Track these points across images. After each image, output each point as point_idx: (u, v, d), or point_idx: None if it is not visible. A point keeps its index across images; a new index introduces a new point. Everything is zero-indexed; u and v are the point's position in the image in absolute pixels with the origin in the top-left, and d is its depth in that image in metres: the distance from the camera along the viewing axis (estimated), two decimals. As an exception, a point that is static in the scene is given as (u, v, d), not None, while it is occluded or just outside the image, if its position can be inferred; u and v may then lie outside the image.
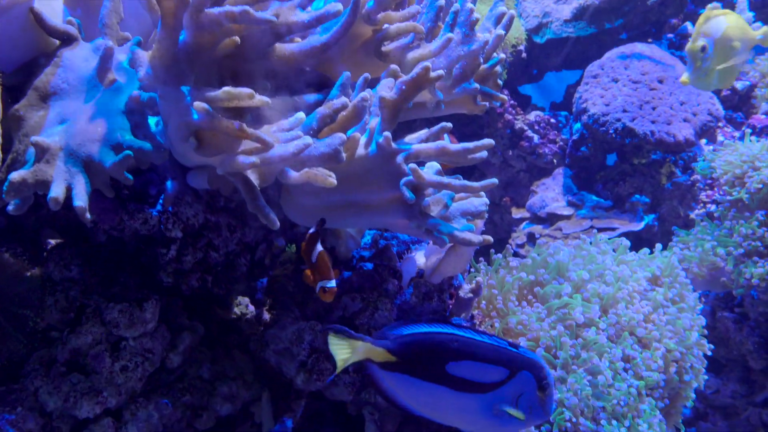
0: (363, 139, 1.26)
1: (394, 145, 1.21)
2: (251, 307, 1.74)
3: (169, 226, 1.35)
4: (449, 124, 1.32)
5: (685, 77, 1.74)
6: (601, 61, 2.41)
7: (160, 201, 1.37)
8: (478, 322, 1.43)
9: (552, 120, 2.66)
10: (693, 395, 1.44)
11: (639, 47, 2.42)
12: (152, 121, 1.33)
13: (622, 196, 2.30)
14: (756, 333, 1.87)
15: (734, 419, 1.94)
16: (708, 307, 2.04)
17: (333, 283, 1.21)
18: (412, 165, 1.17)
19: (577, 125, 2.45)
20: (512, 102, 2.66)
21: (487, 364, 0.98)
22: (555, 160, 2.60)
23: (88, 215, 1.15)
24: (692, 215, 2.03)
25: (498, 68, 1.68)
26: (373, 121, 1.26)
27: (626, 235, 2.17)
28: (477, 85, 1.54)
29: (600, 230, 2.16)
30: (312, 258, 1.25)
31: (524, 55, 2.75)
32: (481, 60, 1.55)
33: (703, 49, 1.66)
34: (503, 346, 1.00)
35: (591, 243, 1.55)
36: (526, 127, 2.59)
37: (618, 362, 1.29)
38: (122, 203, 1.36)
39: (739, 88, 2.52)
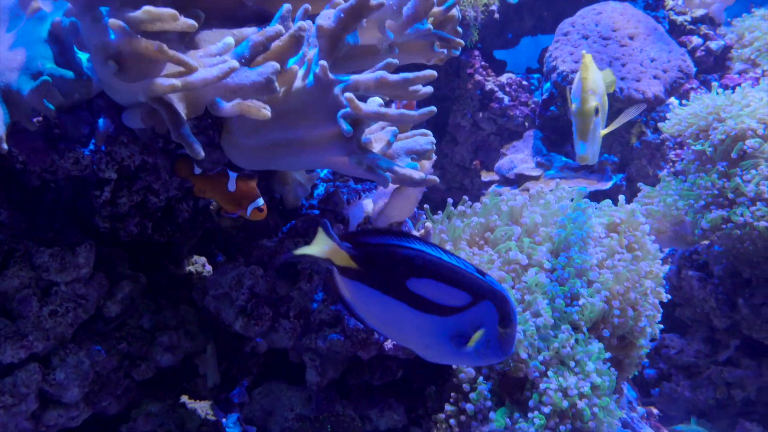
0: (301, 72, 1.21)
1: (331, 75, 1.15)
2: (208, 267, 1.69)
3: (102, 167, 1.29)
4: (395, 60, 1.26)
5: (583, 153, 1.27)
6: (573, 19, 2.35)
7: (93, 141, 1.31)
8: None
9: (524, 82, 2.60)
10: (647, 344, 1.40)
11: (612, 4, 2.36)
12: (84, 57, 1.26)
13: (591, 156, 2.25)
14: (719, 290, 1.83)
15: (697, 378, 1.91)
16: (674, 267, 2.01)
17: (261, 200, 1.17)
18: (349, 94, 1.11)
19: (547, 84, 2.39)
20: (483, 63, 2.60)
21: (450, 287, 0.91)
22: (526, 123, 2.55)
23: (4, 145, 1.09)
24: (661, 174, 1.99)
25: (455, 12, 1.62)
26: (312, 53, 1.20)
27: (594, 194, 2.13)
28: (430, 26, 1.48)
29: (567, 189, 2.10)
30: (229, 188, 1.19)
31: (497, 15, 2.68)
32: (434, 0, 1.48)
33: (597, 111, 1.27)
34: (469, 271, 0.92)
35: (551, 191, 1.50)
36: (496, 89, 2.53)
37: (562, 301, 1.25)
38: (52, 143, 1.30)
39: (714, 48, 2.47)
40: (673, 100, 2.23)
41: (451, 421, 1.22)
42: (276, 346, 1.31)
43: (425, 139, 1.28)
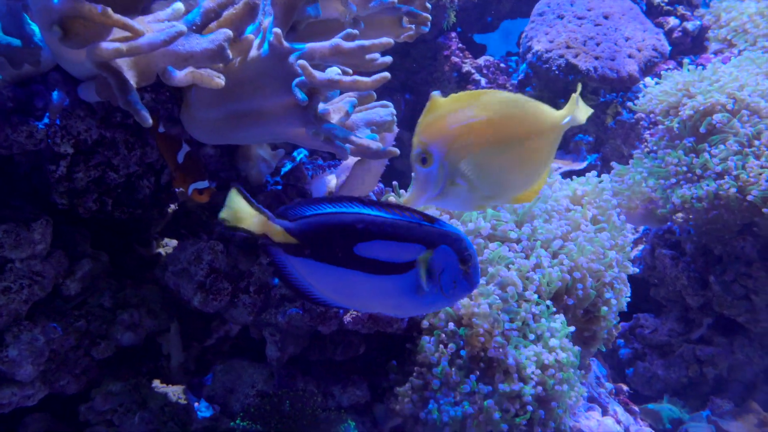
0: (257, 41, 1.18)
1: (286, 44, 1.13)
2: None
3: (57, 141, 1.27)
4: (356, 31, 1.23)
5: (407, 196, 1.01)
6: (548, -1, 2.34)
7: (48, 114, 1.28)
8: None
9: (502, 65, 2.59)
10: (613, 318, 1.39)
11: (588, -15, 2.34)
12: (37, 27, 1.24)
13: (567, 136, 2.24)
14: (691, 268, 1.83)
15: (670, 357, 1.91)
16: (648, 246, 2.00)
17: (206, 183, 1.14)
18: (302, 62, 1.09)
19: (523, 65, 2.38)
20: (460, 45, 2.58)
21: (401, 243, 0.87)
22: (504, 106, 2.53)
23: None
24: (634, 153, 1.98)
25: (423, -14, 1.60)
26: (267, 21, 1.18)
27: (568, 174, 2.12)
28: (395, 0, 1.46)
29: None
30: (179, 158, 1.17)
31: (474, -3, 2.66)
32: (401, -28, 1.46)
33: (425, 159, 1.05)
34: (416, 221, 0.89)
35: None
36: (473, 71, 2.51)
37: (527, 271, 1.23)
38: (6, 116, 1.27)
39: (690, 28, 2.46)
40: (648, 80, 2.22)
41: (414, 396, 1.21)
42: (236, 322, 1.29)
43: (385, 110, 1.26)
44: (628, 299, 1.48)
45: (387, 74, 1.12)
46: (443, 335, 1.23)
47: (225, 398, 1.32)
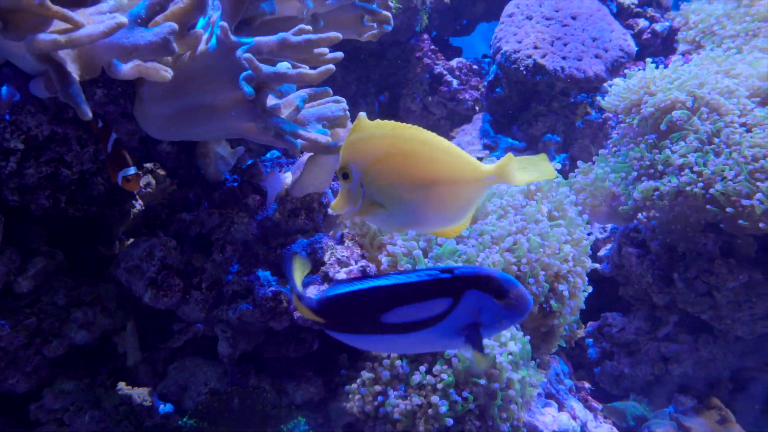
0: (206, 36, 1.18)
1: (233, 37, 1.13)
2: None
3: (6, 136, 1.26)
4: (309, 27, 1.23)
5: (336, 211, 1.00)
6: (518, 0, 2.35)
7: (-2, 110, 1.27)
8: (347, 240, 1.36)
9: (474, 66, 2.60)
10: (569, 313, 1.38)
11: (557, -14, 2.36)
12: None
13: (536, 137, 2.25)
14: (656, 265, 1.83)
15: (636, 356, 1.91)
16: (615, 245, 2.01)
17: (133, 170, 1.14)
18: (248, 55, 1.09)
19: (493, 66, 2.39)
20: (433, 47, 2.59)
21: (425, 302, 0.87)
22: (477, 107, 2.54)
23: None
24: (600, 152, 1.98)
25: (385, -16, 1.61)
26: (216, 15, 1.18)
27: (536, 173, 2.12)
28: (353, -3, 1.47)
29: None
30: (108, 147, 1.17)
31: (447, 0, 2.67)
32: (358, -31, 1.47)
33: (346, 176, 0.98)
34: (435, 277, 0.88)
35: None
36: (445, 72, 2.52)
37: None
38: (-46, 111, 1.26)
39: (659, 30, 2.49)
40: (617, 80, 2.23)
41: (362, 390, 1.20)
42: (188, 319, 1.28)
43: (337, 105, 1.26)
44: (586, 294, 1.48)
45: (332, 67, 1.11)
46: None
47: (179, 396, 1.31)
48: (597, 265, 1.53)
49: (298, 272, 0.95)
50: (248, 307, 1.22)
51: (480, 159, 2.31)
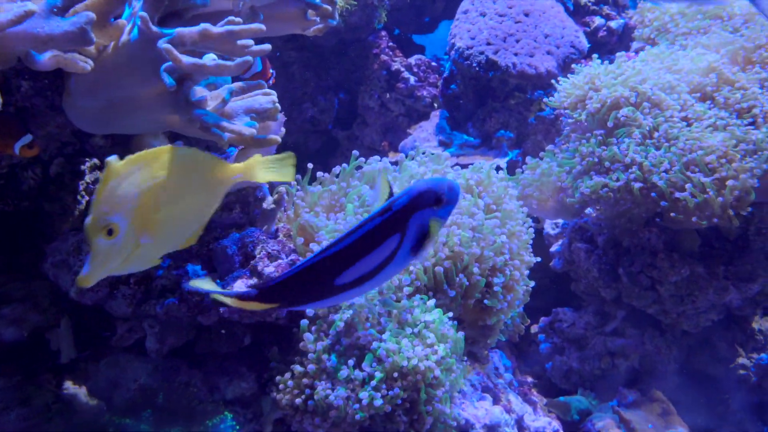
0: (128, 26, 1.17)
1: (154, 28, 1.11)
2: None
3: (-72, 130, 1.23)
4: (238, 19, 1.22)
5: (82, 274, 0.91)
6: (473, -3, 2.36)
7: None
8: (282, 235, 1.36)
9: (433, 63, 2.60)
10: (506, 308, 1.38)
11: (513, -16, 2.36)
12: None
13: (490, 133, 2.26)
14: (603, 260, 1.84)
15: (585, 351, 1.92)
16: (566, 240, 2.02)
17: (30, 137, 1.13)
18: (167, 46, 1.07)
19: (449, 63, 2.39)
20: (391, 44, 2.59)
21: (374, 251, 0.85)
22: (435, 104, 2.54)
23: None
24: (548, 147, 1.99)
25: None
26: (138, 6, 1.16)
27: (489, 169, 2.13)
28: (289, -12, 1.45)
29: (464, 167, 2.10)
30: None
31: (407, -4, 2.67)
32: (296, -39, 1.46)
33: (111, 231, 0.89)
34: (377, 223, 0.85)
35: (411, 159, 1.49)
36: (403, 69, 2.52)
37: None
38: None
39: (614, 27, 2.51)
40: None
41: (289, 383, 1.19)
42: (115, 314, 1.26)
43: (266, 98, 1.24)
44: (526, 288, 1.48)
45: (249, 59, 1.10)
46: (325, 324, 1.22)
47: (109, 392, 1.29)
48: (538, 259, 1.53)
49: (209, 284, 0.92)
50: (174, 301, 1.21)
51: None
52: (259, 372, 1.31)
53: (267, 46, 1.23)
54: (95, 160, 1.51)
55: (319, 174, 1.44)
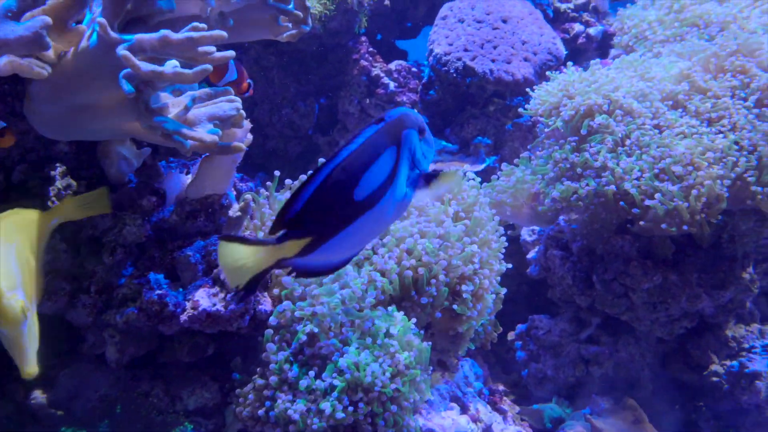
0: (88, 32, 1.15)
1: (113, 34, 1.10)
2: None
3: None
4: (203, 25, 1.20)
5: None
6: (452, 3, 2.36)
7: None
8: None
9: (414, 69, 2.59)
10: (476, 316, 1.37)
11: (491, -10, 2.37)
12: None
13: (468, 139, 2.26)
14: (577, 267, 1.84)
15: (560, 358, 1.91)
16: (542, 246, 2.01)
17: (3, 123, 1.11)
18: (125, 52, 1.06)
19: (427, 69, 2.39)
20: (371, 49, 2.58)
21: (378, 160, 0.88)
22: (415, 110, 2.54)
23: None
24: (522, 154, 1.99)
25: (302, -18, 1.59)
26: (98, 11, 1.15)
27: (466, 176, 2.12)
28: (259, -6, 1.44)
29: (441, 172, 2.10)
30: None
31: (387, 2, 2.67)
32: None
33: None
34: (374, 132, 0.90)
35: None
36: (382, 74, 2.51)
37: (369, 270, 1.22)
38: None
39: (593, 34, 2.51)
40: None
41: (250, 395, 1.18)
42: (76, 323, 1.25)
43: (230, 105, 1.23)
44: (494, 297, 1.48)
45: (208, 67, 1.09)
46: (288, 334, 1.20)
47: (69, 403, 1.27)
48: (509, 266, 1.53)
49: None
50: (133, 310, 1.19)
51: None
52: (223, 382, 1.29)
53: (230, 53, 1.21)
54: (65, 167, 1.49)
55: (288, 181, 1.43)
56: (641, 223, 1.58)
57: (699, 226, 1.58)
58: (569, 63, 1.93)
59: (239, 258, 0.86)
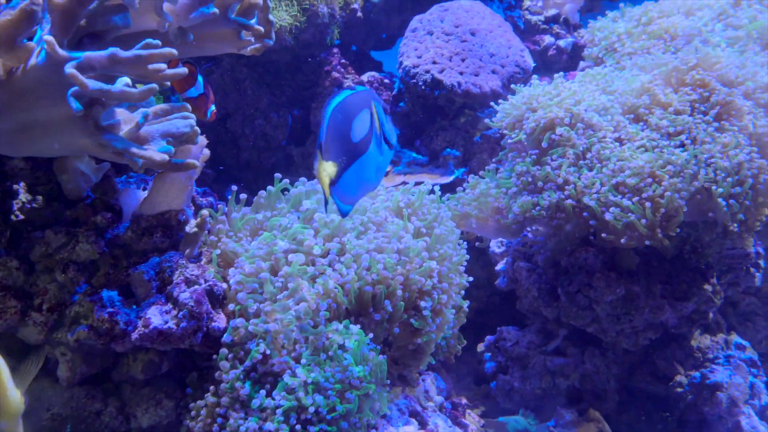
0: (38, 49, 1.15)
1: (61, 52, 1.09)
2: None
3: None
4: (157, 41, 1.20)
5: None
6: (422, 15, 2.37)
7: None
8: (205, 260, 1.34)
9: (386, 80, 2.60)
10: (434, 331, 1.37)
11: (462, 2, 2.39)
12: None
13: (437, 151, 2.27)
14: (543, 279, 1.85)
15: (527, 370, 1.92)
16: (510, 258, 2.02)
17: None
18: (71, 70, 1.06)
19: (397, 81, 2.40)
20: (343, 61, 2.59)
21: (359, 115, 1.03)
22: (388, 121, 2.55)
23: None
24: (487, 167, 2.00)
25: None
26: (47, 28, 1.14)
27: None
28: (216, 10, 1.44)
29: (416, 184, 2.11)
30: None
31: (360, 14, 2.68)
32: (226, -15, 1.45)
33: None
34: (348, 93, 1.05)
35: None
36: (354, 86, 2.51)
37: (323, 286, 1.22)
38: None
39: (563, 46, 2.54)
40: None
41: (202, 412, 1.17)
42: (27, 341, 1.23)
43: (183, 122, 1.23)
44: (461, 309, 1.48)
45: (154, 86, 1.09)
46: (242, 352, 1.20)
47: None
48: (470, 279, 1.53)
49: None
50: (84, 329, 1.18)
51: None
52: (179, 399, 1.28)
53: (182, 70, 1.22)
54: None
55: (243, 196, 1.43)
56: (603, 235, 1.59)
57: (659, 239, 1.59)
58: (534, 76, 1.94)
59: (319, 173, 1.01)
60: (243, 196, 1.43)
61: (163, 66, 1.15)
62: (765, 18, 2.16)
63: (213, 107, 2.04)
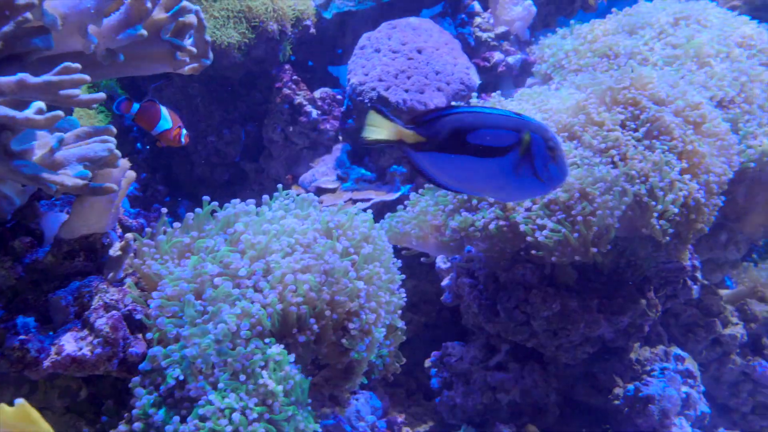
0: (-52, 74, 1.13)
1: (-31, 77, 1.08)
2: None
3: None
4: (76, 65, 1.20)
5: None
6: (370, 33, 2.39)
7: None
8: (128, 284, 1.32)
9: (339, 96, 2.62)
10: (363, 350, 1.37)
11: (411, 20, 2.41)
12: None
13: (384, 168, 2.28)
14: (483, 295, 1.86)
15: (470, 385, 1.93)
16: (454, 274, 2.04)
17: None
18: (-24, 96, 1.05)
19: (346, 98, 2.41)
20: (294, 77, 2.60)
21: (499, 130, 1.11)
22: (340, 137, 2.56)
23: None
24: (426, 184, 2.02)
25: (191, 18, 1.59)
26: (-42, 54, 1.13)
27: (380, 204, 2.15)
28: (144, 31, 1.44)
29: (356, 202, 2.12)
30: None
31: (313, 30, 2.69)
32: (149, 6, 1.45)
33: None
34: (508, 114, 1.13)
35: (273, 199, 1.49)
36: (305, 102, 2.52)
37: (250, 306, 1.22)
38: None
39: (512, 62, 2.57)
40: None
41: (118, 440, 1.16)
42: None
43: (101, 146, 1.22)
44: (397, 329, 1.49)
45: (59, 113, 1.08)
46: (159, 378, 1.19)
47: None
48: (404, 297, 1.54)
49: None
50: (-5, 357, 1.17)
51: (332, 191, 2.32)
52: (97, 427, 1.27)
53: (100, 96, 1.22)
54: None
55: (214, 203, 1.43)
56: (533, 252, 1.61)
57: (591, 255, 1.62)
58: (474, 94, 1.97)
59: (378, 124, 1.12)
60: (215, 203, 1.43)
61: (76, 92, 1.15)
62: (701, 37, 2.22)
63: (184, 131, 2.06)
